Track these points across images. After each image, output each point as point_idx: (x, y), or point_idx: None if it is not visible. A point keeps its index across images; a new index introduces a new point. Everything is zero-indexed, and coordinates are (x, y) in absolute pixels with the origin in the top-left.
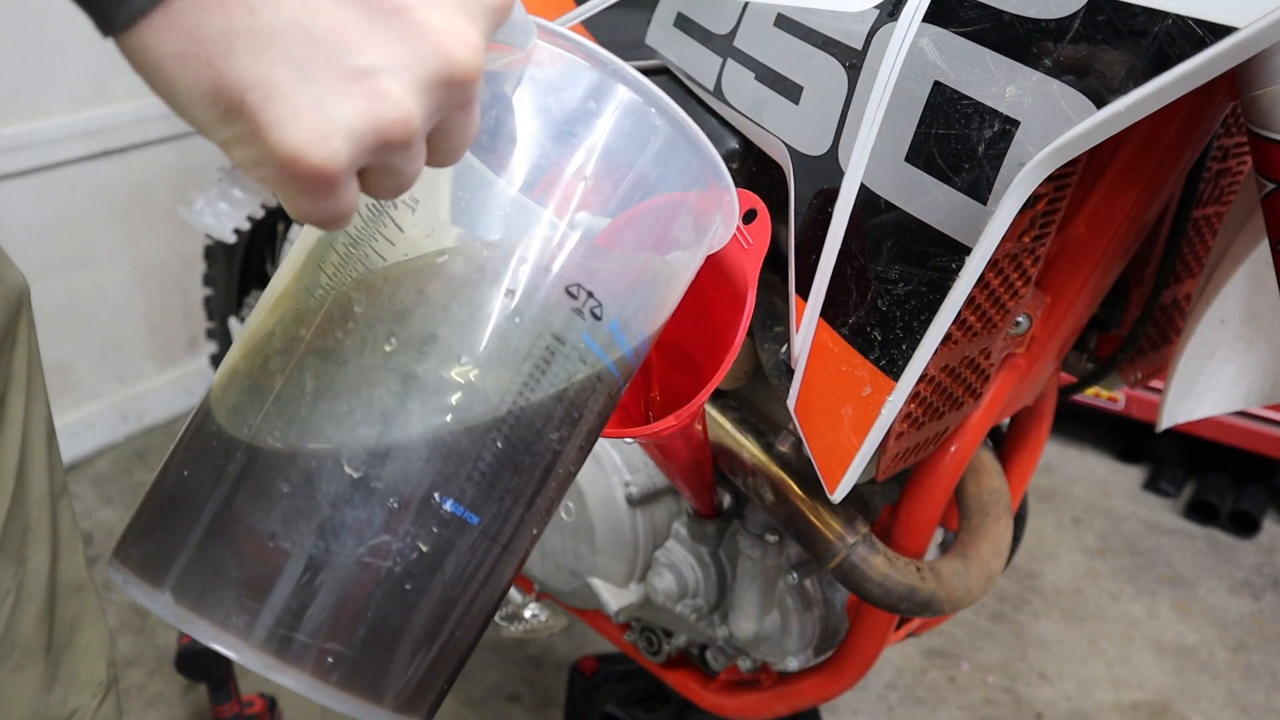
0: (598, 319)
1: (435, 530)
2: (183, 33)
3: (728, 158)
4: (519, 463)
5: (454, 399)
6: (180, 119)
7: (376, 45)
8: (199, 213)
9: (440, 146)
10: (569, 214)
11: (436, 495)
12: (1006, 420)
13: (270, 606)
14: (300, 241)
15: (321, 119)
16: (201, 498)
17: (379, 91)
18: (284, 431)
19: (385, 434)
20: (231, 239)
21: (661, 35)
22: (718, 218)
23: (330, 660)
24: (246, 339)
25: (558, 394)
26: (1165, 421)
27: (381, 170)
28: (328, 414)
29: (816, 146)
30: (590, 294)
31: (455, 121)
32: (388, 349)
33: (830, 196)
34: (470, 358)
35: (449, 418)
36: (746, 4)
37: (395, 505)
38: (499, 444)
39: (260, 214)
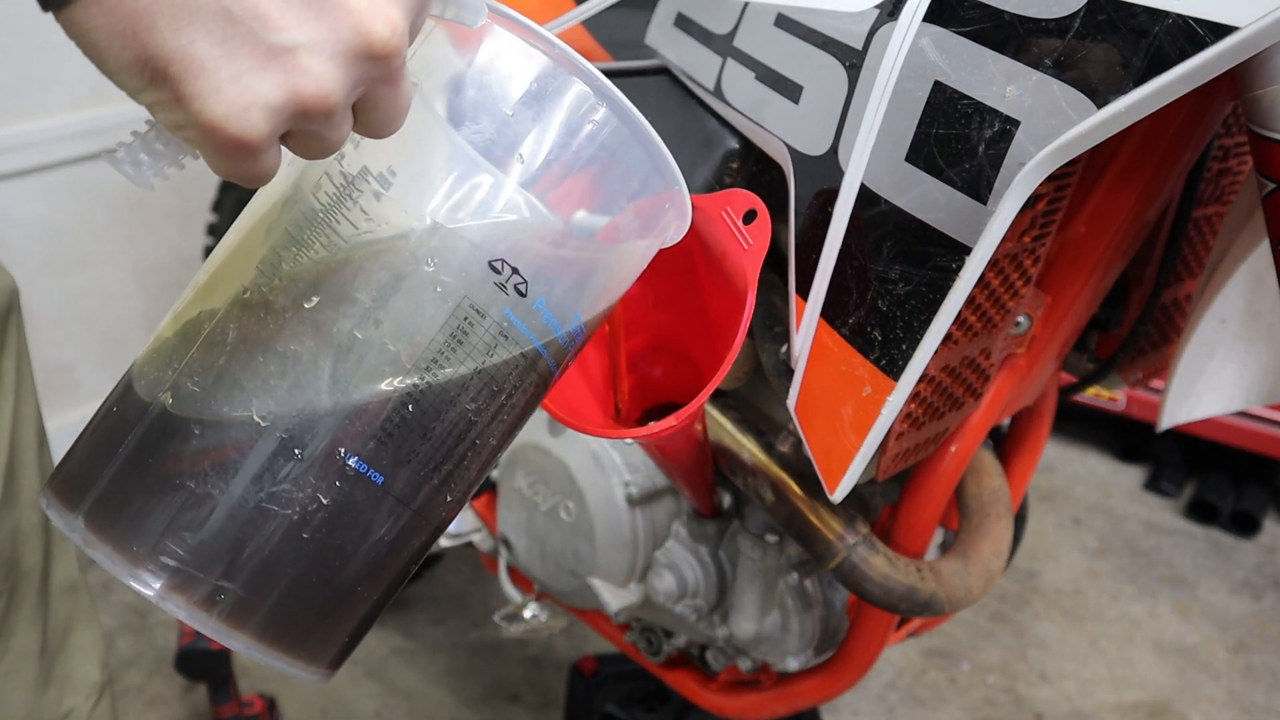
0: (522, 295)
1: (338, 484)
2: (110, 8)
3: (728, 157)
4: (428, 428)
5: (366, 359)
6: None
7: (295, 23)
8: (119, 160)
9: (369, 117)
10: (501, 190)
11: (341, 450)
12: (1006, 420)
13: (168, 537)
14: (248, 220)
15: (240, 92)
16: (122, 434)
17: (297, 67)
18: (202, 377)
19: (295, 387)
20: (147, 187)
21: (661, 35)
22: (668, 211)
23: (221, 596)
24: (178, 306)
25: (476, 366)
26: (1166, 421)
27: (304, 135)
28: (244, 363)
29: (816, 146)
30: (515, 270)
31: (381, 94)
32: (308, 306)
33: (830, 196)
34: (385, 321)
35: (359, 378)
36: (746, 4)
37: (299, 455)
38: (409, 408)
39: (182, 167)
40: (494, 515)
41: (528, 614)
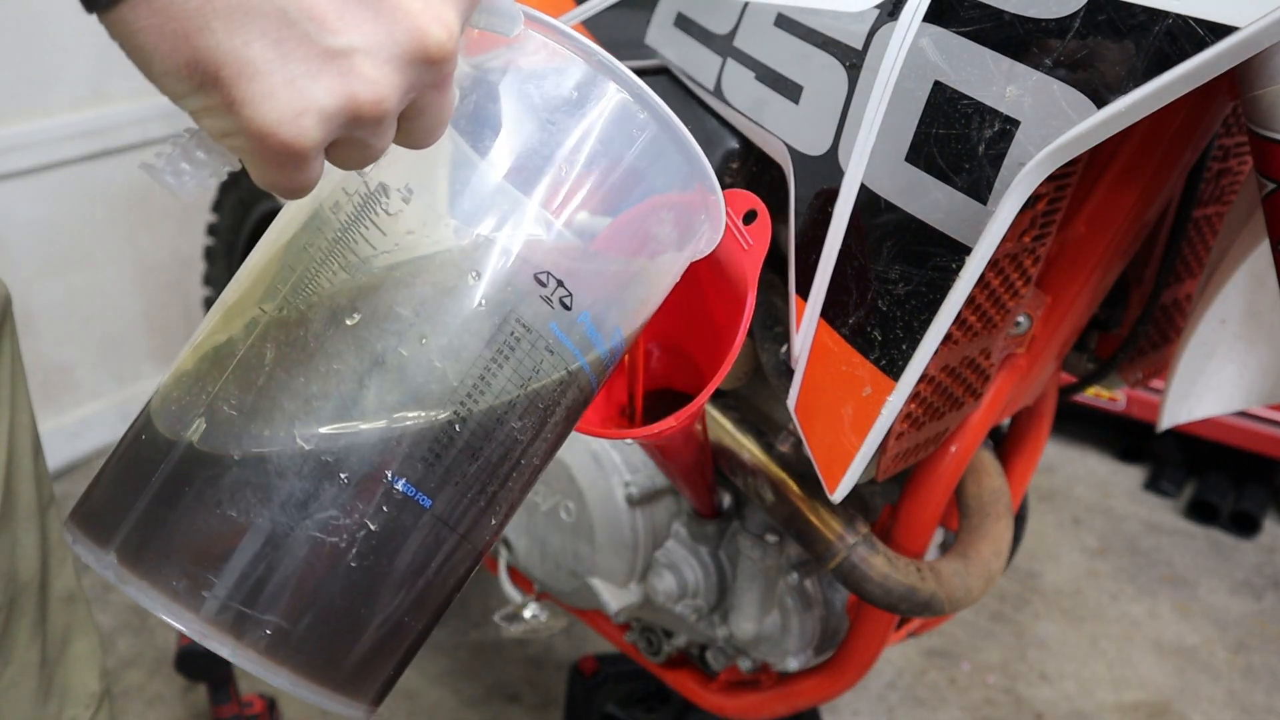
0: (567, 309)
1: (385, 510)
2: (160, 8)
3: (728, 157)
4: (476, 449)
5: (412, 378)
6: (160, 92)
7: (352, 25)
8: (159, 171)
9: (414, 125)
10: (543, 202)
11: (389, 474)
12: (1006, 420)
13: (208, 569)
14: (273, 239)
15: (295, 97)
16: (155, 462)
17: (353, 71)
18: (239, 400)
19: (340, 409)
20: (188, 198)
21: (661, 35)
22: (703, 221)
23: (269, 633)
24: (198, 337)
25: (522, 383)
26: (1166, 421)
27: (350, 143)
28: (284, 385)
29: (816, 146)
30: (560, 283)
31: (429, 100)
32: (349, 323)
33: (830, 196)
34: (431, 337)
35: (406, 397)
36: (746, 4)
37: (346, 481)
38: (456, 428)
39: (223, 177)
40: None
41: (528, 614)
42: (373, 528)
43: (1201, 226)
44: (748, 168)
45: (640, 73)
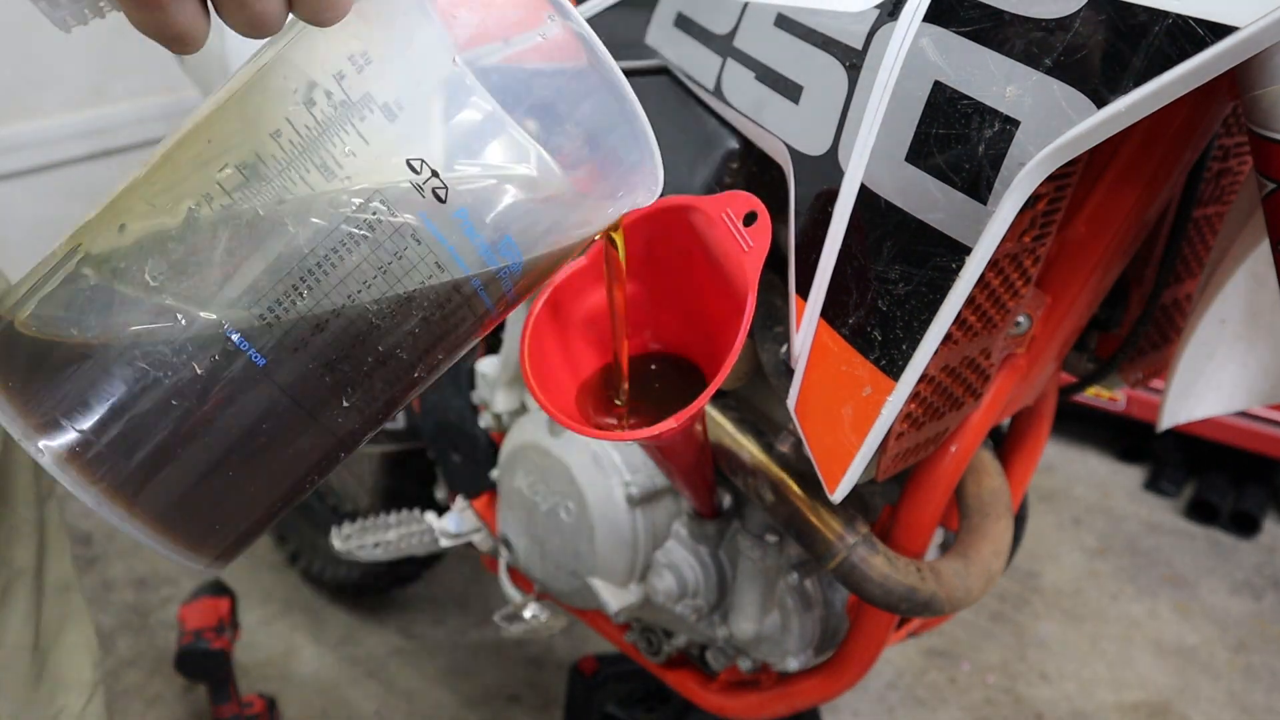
0: (440, 201)
1: (215, 357)
2: None
3: (728, 157)
4: (321, 322)
5: (262, 232)
6: None
7: None
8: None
9: None
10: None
11: (224, 324)
12: (1006, 420)
13: (41, 378)
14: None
15: None
16: (27, 281)
17: None
18: (104, 235)
19: (189, 252)
20: (67, 30)
21: (661, 35)
22: (637, 173)
23: (79, 448)
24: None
25: (381, 266)
26: (1166, 421)
27: None
28: (145, 218)
29: (816, 146)
30: (435, 173)
31: None
32: (219, 174)
33: (830, 196)
34: (290, 200)
35: (252, 251)
36: (746, 4)
37: (181, 320)
38: (301, 294)
39: (101, 15)
40: (494, 515)
41: (528, 614)
42: (198, 371)
43: (1201, 226)
44: (748, 168)
45: (640, 73)
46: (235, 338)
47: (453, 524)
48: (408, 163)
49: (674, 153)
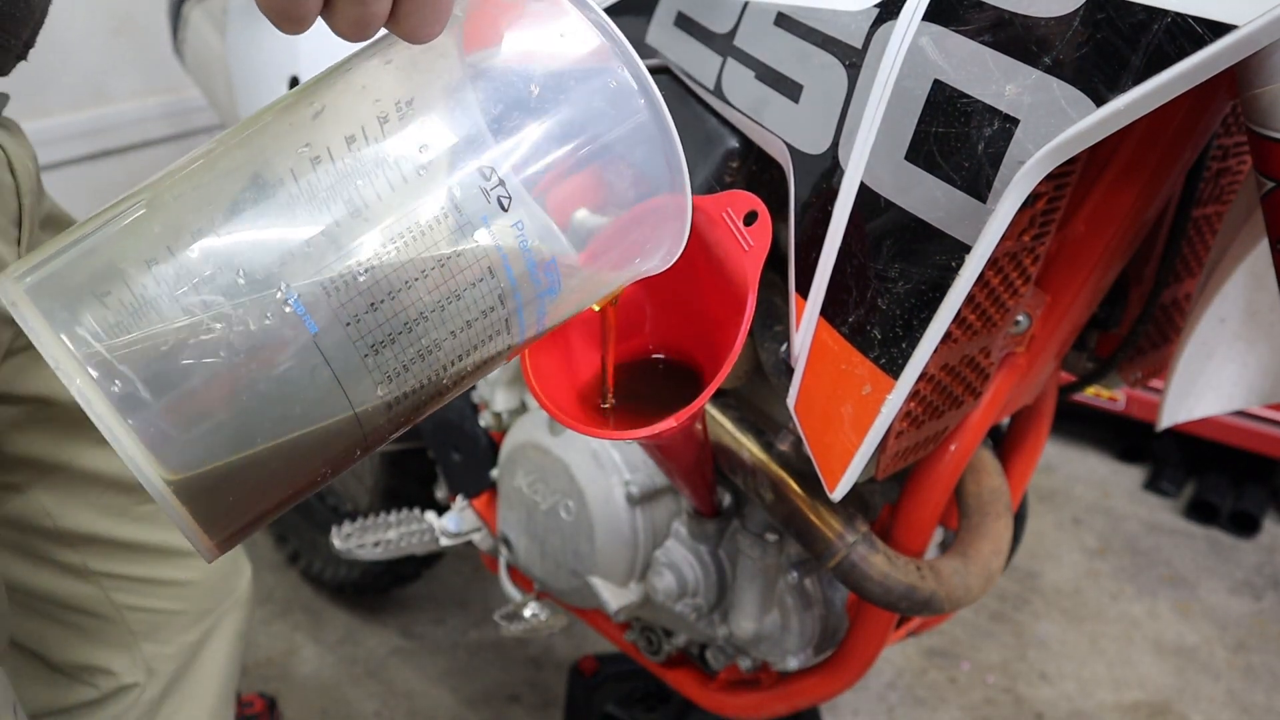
0: (504, 210)
1: (268, 318)
2: None
3: (728, 157)
4: (376, 300)
5: (332, 208)
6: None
7: None
8: None
9: (408, 8)
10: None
11: (284, 284)
12: (1006, 419)
13: (87, 309)
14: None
15: None
16: (83, 227)
17: None
18: (185, 186)
19: (260, 214)
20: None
21: (662, 35)
22: (667, 233)
23: (119, 384)
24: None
25: (438, 257)
26: (1165, 421)
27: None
28: (225, 177)
29: (816, 145)
30: (503, 182)
31: None
32: (302, 150)
33: (830, 195)
34: (370, 186)
35: (321, 223)
36: (746, 3)
37: (241, 276)
38: (364, 270)
39: None
40: (494, 514)
41: (528, 613)
42: (251, 327)
43: (1201, 226)
44: (748, 167)
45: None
46: (294, 301)
47: (453, 523)
48: (479, 169)
49: None
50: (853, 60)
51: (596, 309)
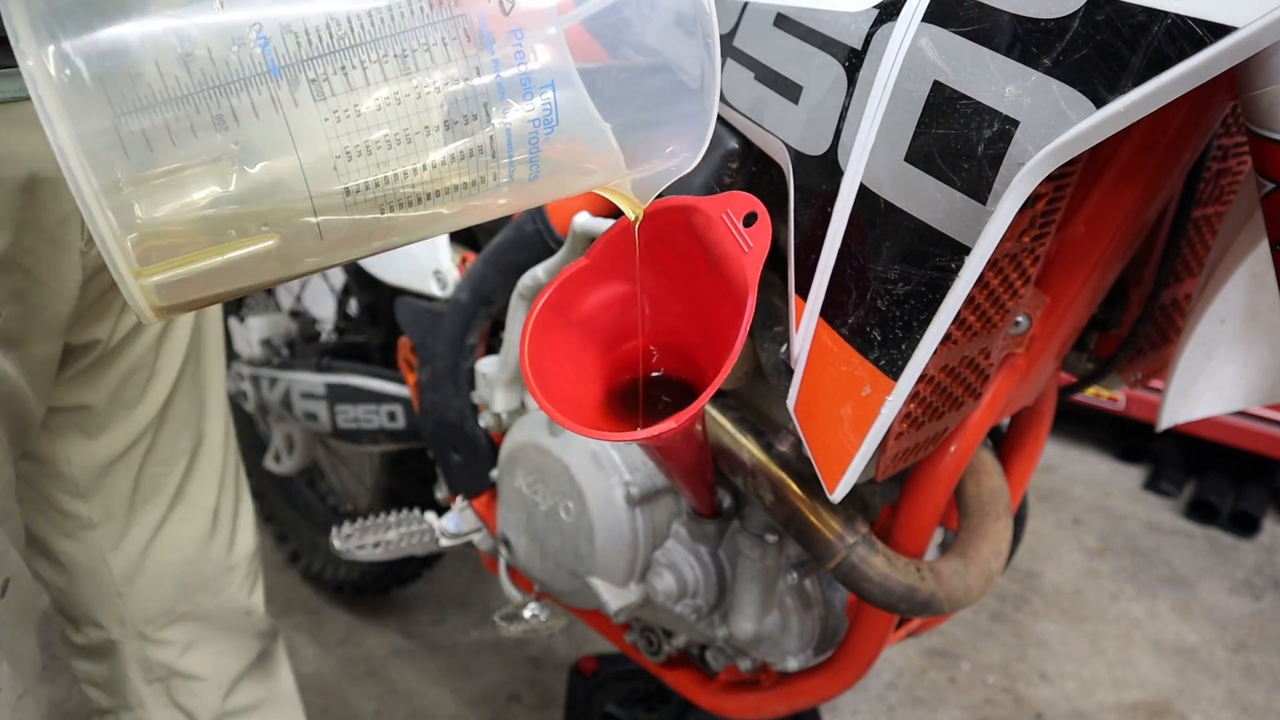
0: (504, 13)
1: (234, 50)
2: None
3: (727, 157)
4: (351, 66)
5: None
6: None
7: None
8: None
9: None
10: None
11: (259, 26)
12: (1006, 420)
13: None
14: None
15: None
16: None
17: None
18: None
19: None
20: None
21: None
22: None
23: (68, 69)
24: None
25: (440, 84)
26: (1165, 421)
27: None
28: None
29: (816, 146)
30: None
31: None
32: None
33: (830, 196)
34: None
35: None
36: (746, 4)
37: (259, 35)
38: (369, 67)
39: None
40: (494, 515)
41: (528, 614)
42: (210, 54)
43: (1201, 226)
44: (747, 168)
45: None
46: (262, 42)
47: (453, 524)
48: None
49: None
50: (852, 61)
51: (634, 216)
